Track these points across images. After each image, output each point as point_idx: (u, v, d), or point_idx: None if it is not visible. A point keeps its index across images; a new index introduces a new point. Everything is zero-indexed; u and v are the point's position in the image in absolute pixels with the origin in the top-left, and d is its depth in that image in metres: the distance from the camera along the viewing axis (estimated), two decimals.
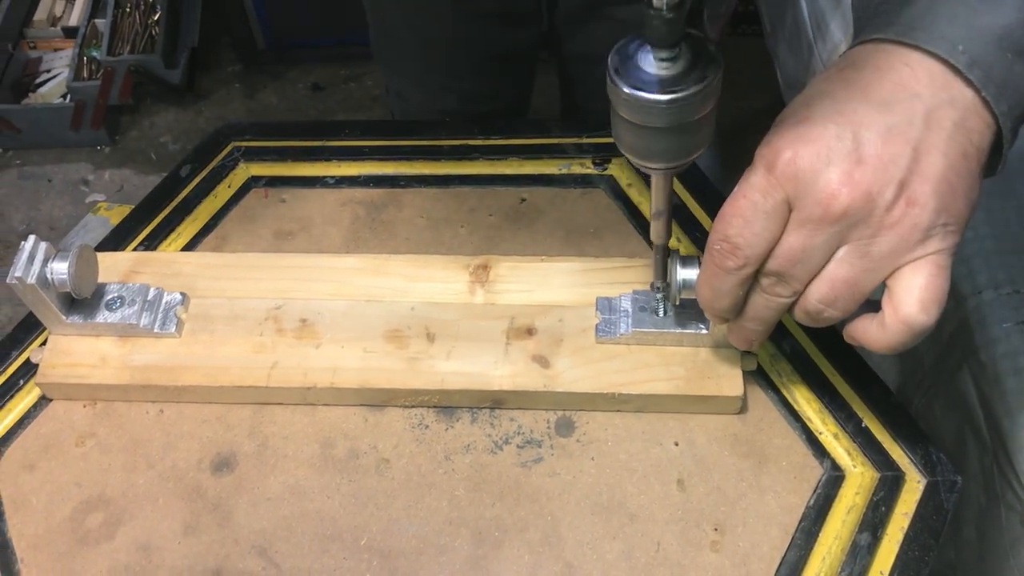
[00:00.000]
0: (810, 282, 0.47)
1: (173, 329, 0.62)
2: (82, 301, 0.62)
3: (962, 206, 0.45)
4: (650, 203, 0.54)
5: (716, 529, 0.56)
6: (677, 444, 0.60)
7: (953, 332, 0.90)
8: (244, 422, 0.61)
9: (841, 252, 0.45)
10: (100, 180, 1.93)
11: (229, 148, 0.75)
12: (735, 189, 0.47)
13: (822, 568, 0.55)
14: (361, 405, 0.62)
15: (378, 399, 0.61)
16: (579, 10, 0.92)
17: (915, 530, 0.56)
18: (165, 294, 0.64)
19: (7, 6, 1.96)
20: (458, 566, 0.55)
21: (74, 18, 2.03)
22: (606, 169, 0.73)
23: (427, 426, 0.61)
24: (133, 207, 0.73)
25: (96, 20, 1.98)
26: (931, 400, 0.95)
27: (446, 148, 0.75)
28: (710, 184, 0.71)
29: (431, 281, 0.65)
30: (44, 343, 0.63)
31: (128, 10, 1.97)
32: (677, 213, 0.70)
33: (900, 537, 0.55)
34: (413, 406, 0.61)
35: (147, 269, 0.66)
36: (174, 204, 0.72)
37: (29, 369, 0.64)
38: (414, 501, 0.58)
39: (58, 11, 2.06)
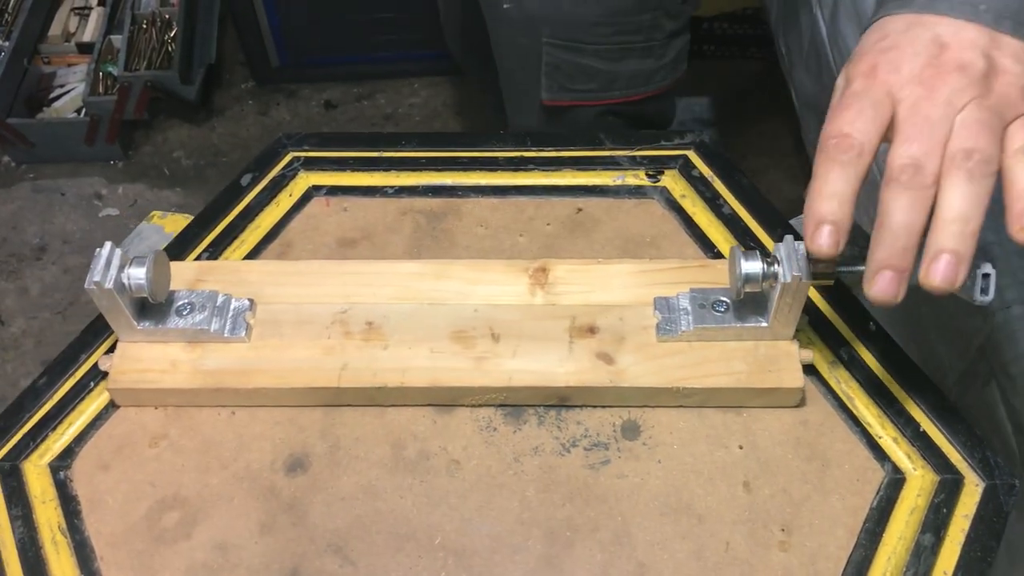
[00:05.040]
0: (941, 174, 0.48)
1: (243, 334, 0.64)
2: (153, 308, 0.63)
3: None
4: None
5: (783, 529, 0.58)
6: (741, 447, 0.61)
7: (981, 346, 0.92)
8: (315, 424, 0.62)
9: (963, 113, 0.48)
10: (114, 194, 1.93)
11: (288, 158, 0.76)
12: (835, 101, 0.51)
13: (888, 568, 0.56)
14: (429, 405, 0.63)
15: (447, 398, 0.63)
16: None
17: (976, 531, 0.57)
18: (233, 300, 0.65)
19: (22, 22, 1.97)
20: (532, 564, 0.57)
21: (88, 34, 2.04)
22: (659, 180, 0.75)
23: (495, 429, 0.62)
24: (193, 216, 0.74)
25: (112, 36, 1.99)
26: None
27: (501, 160, 0.76)
28: (760, 195, 0.73)
29: (492, 284, 0.66)
30: (111, 350, 0.64)
31: (144, 26, 1.98)
32: (732, 224, 0.71)
33: (961, 538, 0.57)
34: (480, 405, 0.63)
35: (212, 277, 0.67)
36: (236, 212, 0.73)
37: (99, 371, 0.65)
38: (485, 501, 0.59)
39: (72, 27, 2.07)
